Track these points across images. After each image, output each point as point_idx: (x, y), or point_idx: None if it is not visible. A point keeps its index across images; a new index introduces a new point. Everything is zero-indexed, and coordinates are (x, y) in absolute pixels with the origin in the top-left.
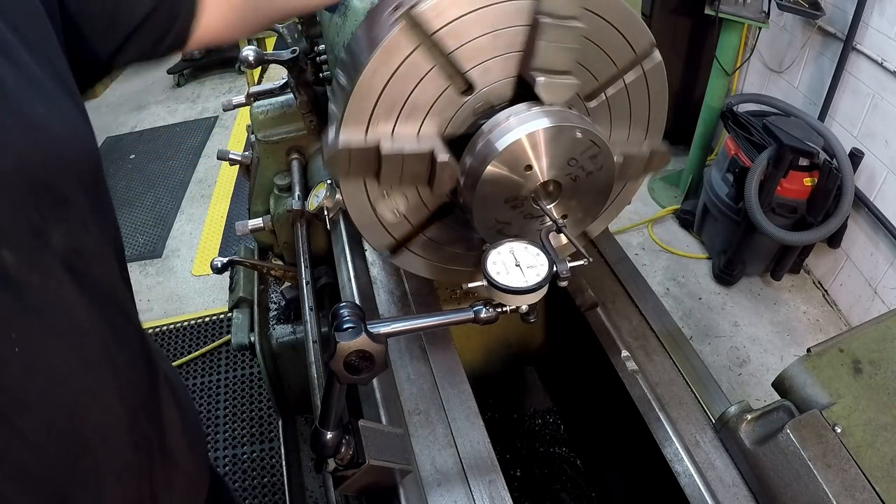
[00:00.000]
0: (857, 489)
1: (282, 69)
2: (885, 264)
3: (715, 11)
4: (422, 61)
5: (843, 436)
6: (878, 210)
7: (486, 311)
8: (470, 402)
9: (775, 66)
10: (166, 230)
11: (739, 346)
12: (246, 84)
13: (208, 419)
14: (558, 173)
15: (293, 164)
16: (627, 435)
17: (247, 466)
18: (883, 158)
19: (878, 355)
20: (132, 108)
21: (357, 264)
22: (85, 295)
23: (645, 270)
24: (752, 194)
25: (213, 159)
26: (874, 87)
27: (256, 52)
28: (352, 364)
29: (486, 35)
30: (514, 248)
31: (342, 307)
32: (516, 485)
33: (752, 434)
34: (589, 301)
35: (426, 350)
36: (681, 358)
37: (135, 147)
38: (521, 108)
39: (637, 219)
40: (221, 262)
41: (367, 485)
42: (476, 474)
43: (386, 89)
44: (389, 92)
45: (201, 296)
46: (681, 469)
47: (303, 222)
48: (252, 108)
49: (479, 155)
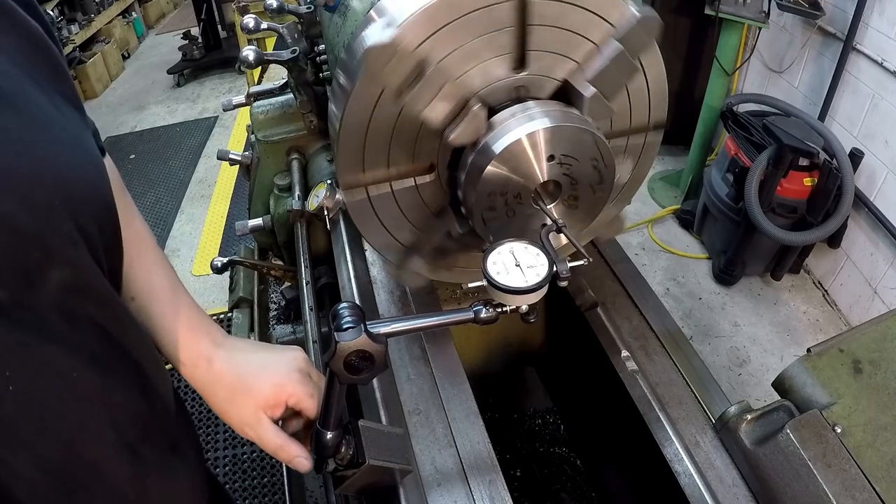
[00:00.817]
0: (857, 489)
1: (282, 69)
2: (885, 264)
3: (715, 11)
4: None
5: (843, 436)
6: (878, 210)
7: (486, 311)
8: (470, 402)
9: (775, 66)
10: (166, 230)
11: (739, 346)
12: (246, 84)
13: (208, 419)
14: (558, 173)
15: (293, 164)
16: (627, 435)
17: (247, 466)
18: (883, 158)
19: (878, 355)
20: (132, 108)
21: (357, 264)
22: (82, 332)
23: (645, 270)
24: (752, 194)
25: (213, 159)
26: (874, 87)
27: (256, 52)
28: (352, 364)
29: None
30: (514, 248)
31: (342, 307)
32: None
33: (752, 434)
34: (589, 301)
35: (426, 350)
36: (681, 358)
37: (135, 147)
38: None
39: (637, 219)
40: (221, 262)
41: (367, 485)
42: (476, 474)
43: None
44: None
45: (201, 296)
46: (681, 469)
47: (303, 222)
48: (252, 108)
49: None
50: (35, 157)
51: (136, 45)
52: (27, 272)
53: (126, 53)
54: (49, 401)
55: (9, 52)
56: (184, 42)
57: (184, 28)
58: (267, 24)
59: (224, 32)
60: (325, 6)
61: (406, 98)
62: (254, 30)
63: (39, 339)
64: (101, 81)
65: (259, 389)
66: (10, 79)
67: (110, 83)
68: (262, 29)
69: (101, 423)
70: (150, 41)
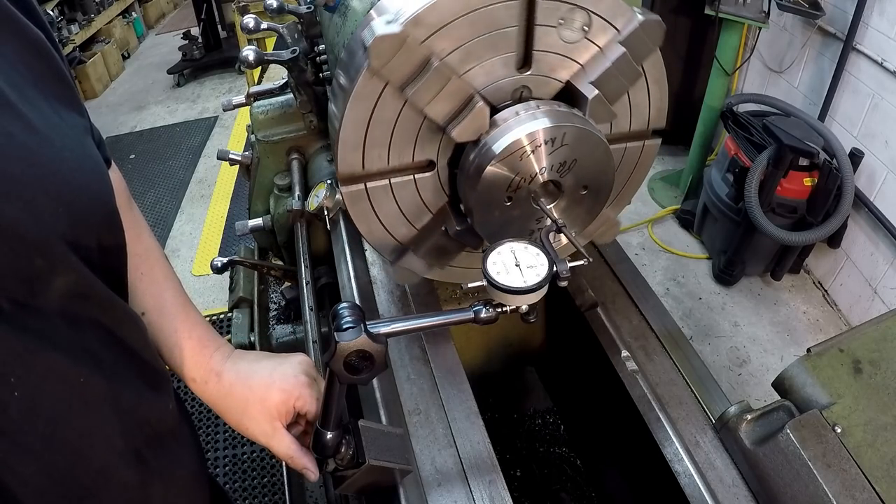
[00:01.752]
0: (857, 489)
1: (282, 69)
2: (885, 264)
3: (715, 11)
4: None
5: (843, 436)
6: (878, 210)
7: (486, 311)
8: (470, 402)
9: (775, 66)
10: (166, 230)
11: (739, 346)
12: (246, 84)
13: (208, 419)
14: (558, 173)
15: (293, 164)
16: (627, 435)
17: (247, 466)
18: (883, 158)
19: (878, 355)
20: (132, 108)
21: (357, 264)
22: (86, 338)
23: (645, 270)
24: (752, 194)
25: (213, 159)
26: (874, 87)
27: (256, 52)
28: (352, 364)
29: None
30: (514, 248)
31: (342, 307)
32: (516, 485)
33: (752, 434)
34: (589, 301)
35: (426, 350)
36: (681, 358)
37: (135, 147)
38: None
39: (637, 219)
40: (221, 262)
41: (367, 485)
42: (476, 474)
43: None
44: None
45: (201, 296)
46: (681, 469)
47: (303, 222)
48: (252, 108)
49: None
50: (38, 163)
51: (136, 45)
52: (31, 279)
53: (126, 53)
54: (56, 407)
55: (11, 58)
56: (184, 42)
57: (184, 28)
58: (267, 24)
59: (224, 32)
60: (325, 6)
61: (410, 92)
62: (254, 30)
63: (44, 346)
64: (101, 81)
65: (271, 398)
66: (13, 85)
67: (110, 83)
68: (262, 29)
69: (108, 429)
70: (150, 41)
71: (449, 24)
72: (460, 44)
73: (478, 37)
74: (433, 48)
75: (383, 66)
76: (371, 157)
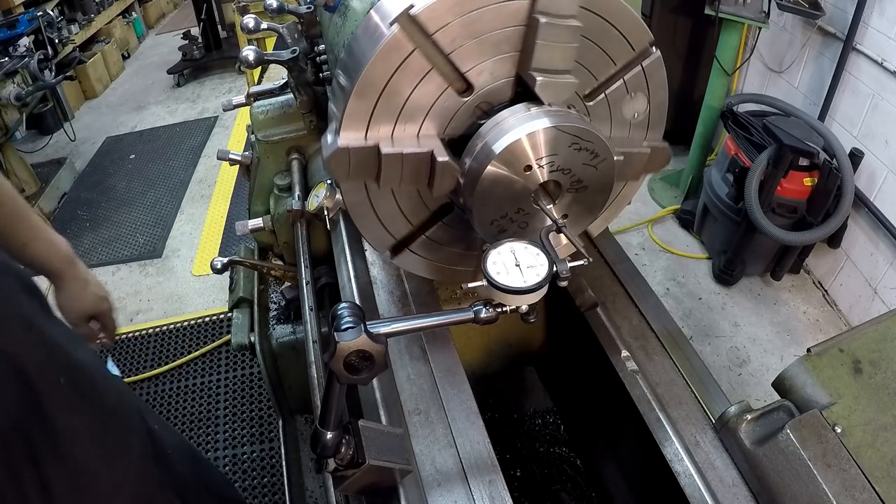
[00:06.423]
0: (857, 489)
1: (282, 69)
2: (885, 264)
3: (715, 11)
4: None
5: (843, 436)
6: (878, 210)
7: (486, 311)
8: (470, 402)
9: (775, 66)
10: (166, 230)
11: (739, 346)
12: (246, 84)
13: (208, 419)
14: (558, 173)
15: (293, 164)
16: (627, 435)
17: (247, 466)
18: (883, 158)
19: (878, 355)
20: (132, 108)
21: (357, 264)
22: None
23: (645, 270)
24: (752, 194)
25: (213, 159)
26: (874, 87)
27: (256, 52)
28: (352, 364)
29: (484, 36)
30: (514, 248)
31: (342, 307)
32: (516, 485)
33: (752, 434)
34: (589, 301)
35: (426, 350)
36: (681, 358)
37: (135, 147)
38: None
39: (637, 219)
40: (221, 262)
41: (367, 485)
42: (476, 474)
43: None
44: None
45: (201, 296)
46: (681, 469)
47: (303, 222)
48: (252, 108)
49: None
50: None
51: (136, 45)
52: None
53: (126, 53)
54: None
55: None
56: (184, 42)
57: (184, 28)
58: (267, 24)
59: (224, 32)
60: (325, 6)
61: (384, 180)
62: (254, 30)
63: None
64: (101, 81)
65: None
66: None
67: (110, 83)
68: (262, 29)
69: None
70: (150, 41)
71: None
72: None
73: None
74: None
75: (347, 177)
76: None
